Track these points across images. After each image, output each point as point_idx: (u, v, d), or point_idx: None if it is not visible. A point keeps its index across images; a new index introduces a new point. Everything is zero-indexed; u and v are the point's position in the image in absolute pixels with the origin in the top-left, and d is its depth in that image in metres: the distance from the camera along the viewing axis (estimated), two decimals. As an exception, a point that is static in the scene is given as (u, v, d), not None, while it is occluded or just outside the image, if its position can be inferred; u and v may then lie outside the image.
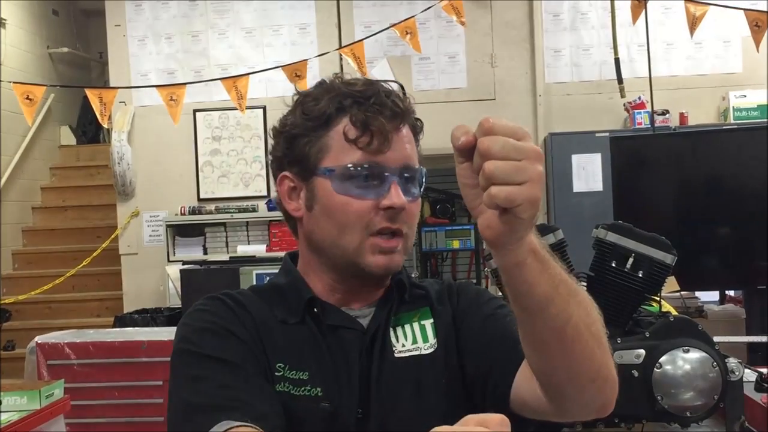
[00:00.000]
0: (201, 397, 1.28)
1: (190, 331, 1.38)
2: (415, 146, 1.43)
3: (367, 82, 1.42)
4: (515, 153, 1.03)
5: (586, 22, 6.68)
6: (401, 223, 1.38)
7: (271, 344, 1.38)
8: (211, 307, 1.41)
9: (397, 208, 1.36)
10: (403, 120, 1.39)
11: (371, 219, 1.36)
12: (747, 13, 5.36)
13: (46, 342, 4.30)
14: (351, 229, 1.37)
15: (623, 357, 2.24)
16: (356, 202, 1.36)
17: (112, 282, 7.47)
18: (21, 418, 3.06)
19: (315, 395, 1.35)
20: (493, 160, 1.02)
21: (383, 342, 1.42)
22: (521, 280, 1.14)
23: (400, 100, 1.39)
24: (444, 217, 8.62)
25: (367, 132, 1.35)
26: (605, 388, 1.26)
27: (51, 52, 8.98)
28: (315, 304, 1.43)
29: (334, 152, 1.38)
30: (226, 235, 6.95)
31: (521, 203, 1.02)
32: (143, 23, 7.03)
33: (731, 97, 6.30)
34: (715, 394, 2.20)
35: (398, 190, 1.36)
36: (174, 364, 1.37)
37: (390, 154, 1.36)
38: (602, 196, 5.61)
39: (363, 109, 1.36)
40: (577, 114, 6.56)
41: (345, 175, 1.37)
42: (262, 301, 1.45)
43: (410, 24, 5.80)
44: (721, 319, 4.14)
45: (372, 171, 1.36)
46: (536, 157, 1.04)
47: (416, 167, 1.40)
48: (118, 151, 6.86)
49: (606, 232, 2.28)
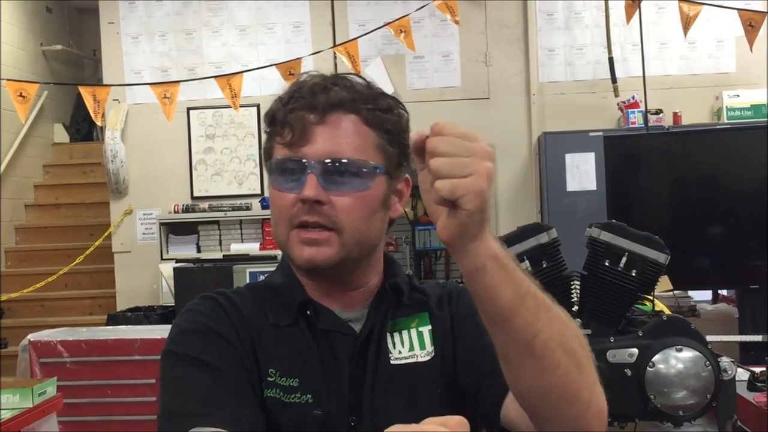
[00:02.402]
0: (177, 400, 1.30)
1: (178, 332, 1.39)
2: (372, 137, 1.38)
3: (314, 76, 1.41)
4: (462, 150, 1.09)
5: (580, 22, 6.69)
6: (322, 216, 1.34)
7: (263, 349, 1.38)
8: (203, 308, 1.41)
9: (306, 201, 1.34)
10: (327, 111, 1.35)
11: (293, 212, 1.36)
12: (741, 13, 5.37)
13: (39, 340, 4.29)
14: (280, 222, 1.39)
15: (616, 356, 2.24)
16: (281, 195, 1.37)
17: (105, 280, 7.46)
18: (13, 416, 3.06)
19: (306, 402, 1.35)
20: (440, 157, 1.08)
21: (378, 347, 1.41)
22: (482, 285, 1.13)
23: (322, 91, 1.36)
24: (438, 215, 8.65)
25: (288, 127, 1.36)
26: (586, 414, 1.21)
27: (44, 49, 8.95)
28: (308, 306, 1.42)
29: (275, 150, 1.39)
30: (219, 234, 6.94)
31: (464, 194, 1.07)
32: (137, 21, 7.02)
33: (725, 97, 6.31)
34: (708, 393, 2.20)
35: (314, 183, 1.33)
36: (161, 365, 1.38)
37: (309, 147, 1.34)
38: (596, 195, 5.62)
39: (287, 105, 1.37)
40: (570, 113, 6.56)
41: (272, 170, 1.39)
42: (256, 301, 1.44)
43: (404, 23, 5.80)
44: (713, 319, 4.14)
45: (290, 165, 1.36)
46: (483, 155, 1.09)
47: (348, 159, 1.34)
48: (111, 149, 6.84)
49: (599, 231, 2.29)
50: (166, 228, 6.94)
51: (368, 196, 1.38)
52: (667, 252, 2.25)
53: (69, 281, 7.70)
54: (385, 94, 1.44)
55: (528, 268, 2.24)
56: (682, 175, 4.27)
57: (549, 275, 2.26)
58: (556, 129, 6.35)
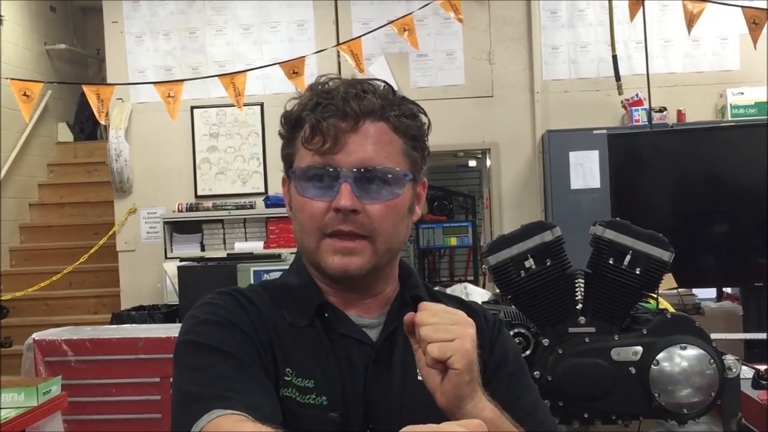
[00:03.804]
0: (196, 386, 1.29)
1: (195, 323, 1.38)
2: (399, 145, 1.39)
3: (342, 82, 1.40)
4: (445, 319, 1.24)
5: (584, 19, 6.68)
6: (355, 224, 1.35)
7: (281, 347, 1.38)
8: (221, 301, 1.41)
9: (342, 210, 1.34)
10: (360, 119, 1.35)
11: (325, 221, 1.36)
12: (745, 11, 5.36)
13: (44, 339, 4.30)
14: (309, 231, 1.38)
15: (620, 354, 2.24)
16: (311, 203, 1.37)
17: (109, 279, 7.47)
18: (18, 415, 3.07)
19: (320, 404, 1.35)
20: (428, 326, 1.23)
21: (404, 362, 1.40)
22: None
23: (356, 99, 1.36)
24: (441, 214, 8.64)
25: (319, 134, 1.35)
26: None
27: (48, 48, 8.96)
28: (326, 309, 1.42)
29: (299, 155, 1.39)
30: (223, 232, 6.95)
31: (452, 354, 1.20)
32: (141, 20, 7.03)
33: (729, 95, 6.30)
34: (712, 391, 2.20)
35: (348, 192, 1.33)
36: (176, 354, 1.37)
37: (342, 155, 1.34)
38: (600, 193, 5.62)
39: (318, 111, 1.36)
40: (574, 111, 6.56)
41: (302, 177, 1.38)
42: (272, 300, 1.44)
43: (408, 21, 5.80)
44: (718, 317, 4.13)
45: (323, 173, 1.35)
46: (465, 323, 1.24)
47: (380, 167, 1.35)
48: (115, 148, 6.85)
49: (603, 229, 2.28)
50: (170, 227, 6.95)
51: (398, 203, 1.39)
52: (672, 250, 2.25)
53: (73, 280, 7.72)
54: (407, 98, 1.44)
55: (532, 266, 2.23)
56: (686, 173, 4.27)
57: (553, 273, 2.25)
58: (559, 127, 6.35)
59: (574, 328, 2.29)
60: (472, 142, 6.87)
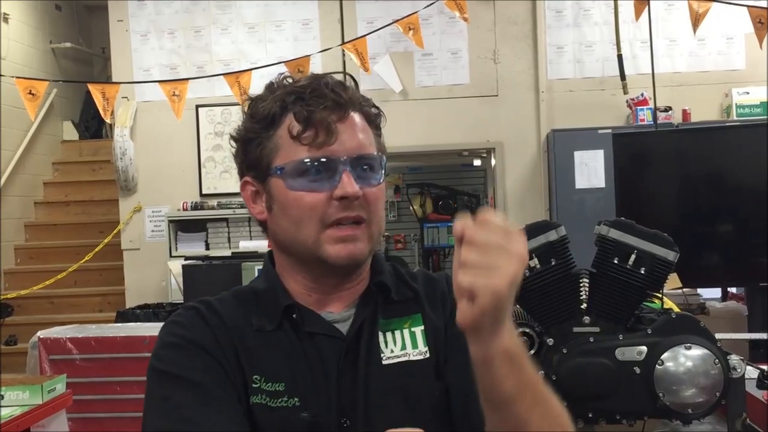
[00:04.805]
0: (160, 420, 1.32)
1: (161, 346, 1.39)
2: (372, 133, 1.43)
3: (310, 76, 1.42)
4: (496, 247, 1.09)
5: (589, 19, 6.67)
6: (359, 210, 1.36)
7: (247, 356, 1.37)
8: (184, 319, 1.41)
9: (350, 197, 1.35)
10: (348, 109, 1.38)
11: (326, 211, 1.36)
12: (750, 10, 5.35)
13: (48, 337, 4.31)
14: (307, 223, 1.37)
15: (625, 354, 2.24)
16: (309, 195, 1.36)
17: (114, 277, 7.48)
18: (23, 413, 3.08)
19: (292, 406, 1.34)
20: (473, 248, 1.09)
21: (369, 348, 1.40)
22: (486, 376, 1.16)
23: (342, 89, 1.39)
24: (446, 213, 8.64)
25: (311, 126, 1.35)
26: None
27: (54, 47, 8.98)
28: (293, 309, 1.41)
29: (284, 150, 1.38)
30: (228, 231, 6.95)
31: (482, 293, 1.07)
32: (146, 18, 7.03)
33: (734, 94, 6.29)
34: (717, 391, 2.20)
35: (350, 179, 1.35)
36: (147, 376, 1.39)
37: (337, 144, 1.36)
38: (604, 192, 5.61)
39: (304, 103, 1.36)
40: (579, 110, 6.55)
41: (295, 172, 1.37)
42: (240, 307, 1.43)
43: (413, 20, 5.80)
44: (723, 316, 4.13)
45: (321, 164, 1.36)
46: (517, 258, 1.09)
47: (371, 154, 1.39)
48: (120, 147, 6.86)
49: (608, 229, 2.28)
50: (175, 225, 6.95)
51: (383, 187, 1.43)
52: (676, 249, 2.25)
53: (78, 278, 7.73)
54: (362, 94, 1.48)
55: (537, 265, 2.23)
56: (691, 173, 4.27)
57: (558, 273, 2.25)
58: (564, 126, 6.33)
59: (579, 327, 2.29)
60: (477, 141, 6.86)
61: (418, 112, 6.65)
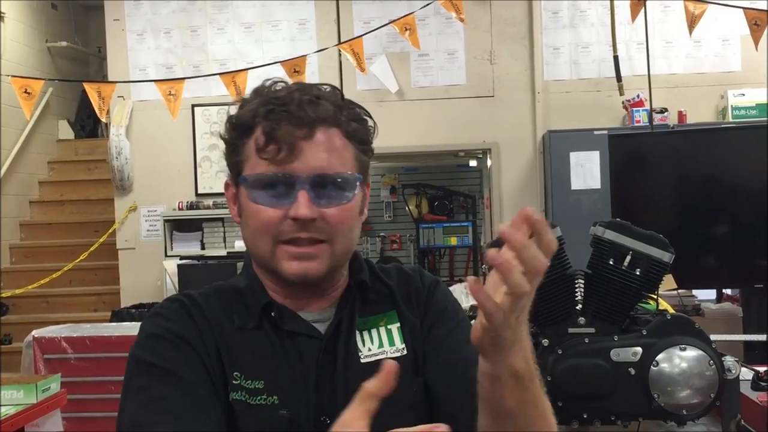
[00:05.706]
0: (138, 409, 1.30)
1: (144, 337, 1.39)
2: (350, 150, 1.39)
3: (292, 87, 1.39)
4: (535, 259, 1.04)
5: (586, 20, 6.68)
6: (315, 231, 1.35)
7: (228, 352, 1.37)
8: (168, 311, 1.41)
9: (301, 219, 1.33)
10: (315, 126, 1.34)
11: (280, 228, 1.35)
12: (746, 12, 5.36)
13: (43, 336, 4.30)
14: (263, 237, 1.37)
15: (620, 355, 2.24)
16: (265, 210, 1.35)
17: (109, 276, 7.47)
18: (17, 412, 3.07)
19: (271, 404, 1.35)
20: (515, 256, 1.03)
21: (347, 347, 1.40)
22: (492, 392, 1.16)
23: (313, 106, 1.35)
24: (442, 213, 8.64)
25: (274, 141, 1.33)
26: None
27: (50, 46, 8.97)
28: (272, 308, 1.41)
29: (251, 161, 1.37)
30: (223, 231, 6.95)
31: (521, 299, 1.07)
32: (142, 18, 7.02)
33: (730, 96, 6.30)
34: (712, 392, 2.20)
35: (306, 200, 1.32)
36: (126, 367, 1.38)
37: (299, 162, 1.33)
38: (600, 193, 5.62)
39: (272, 118, 1.34)
40: (575, 111, 6.55)
41: (255, 185, 1.36)
42: (222, 303, 1.44)
43: (409, 20, 5.80)
44: (718, 318, 4.13)
45: (278, 180, 1.34)
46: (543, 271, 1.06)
47: (338, 173, 1.35)
48: (116, 146, 6.85)
49: (604, 230, 2.28)
50: (171, 225, 6.95)
51: (351, 206, 1.39)
52: (672, 251, 2.25)
53: (73, 278, 7.72)
54: (353, 102, 1.43)
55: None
56: (687, 174, 4.28)
57: (553, 274, 2.25)
58: (560, 127, 6.34)
59: (574, 328, 2.29)
60: (473, 142, 6.87)
61: (415, 113, 6.65)
